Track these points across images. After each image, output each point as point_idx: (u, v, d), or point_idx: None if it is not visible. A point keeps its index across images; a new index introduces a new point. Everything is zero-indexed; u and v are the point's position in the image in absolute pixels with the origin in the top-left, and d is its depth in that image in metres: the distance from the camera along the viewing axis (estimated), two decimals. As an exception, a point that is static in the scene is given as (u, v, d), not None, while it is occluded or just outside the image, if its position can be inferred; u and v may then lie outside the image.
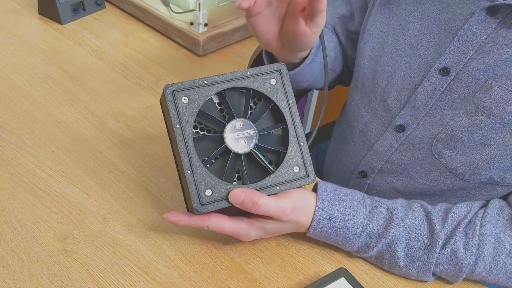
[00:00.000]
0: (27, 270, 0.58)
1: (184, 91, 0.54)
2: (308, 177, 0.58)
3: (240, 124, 0.56)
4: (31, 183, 0.67)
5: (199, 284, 0.59)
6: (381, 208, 0.60)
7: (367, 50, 0.73)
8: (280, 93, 0.57)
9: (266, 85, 0.57)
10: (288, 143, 0.57)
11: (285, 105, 0.58)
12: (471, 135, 0.63)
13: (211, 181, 0.54)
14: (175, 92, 0.54)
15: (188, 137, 0.54)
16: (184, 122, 0.54)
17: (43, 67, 0.88)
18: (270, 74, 0.57)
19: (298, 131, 0.58)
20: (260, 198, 0.54)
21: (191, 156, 0.54)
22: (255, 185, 0.55)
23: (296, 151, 0.57)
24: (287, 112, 0.57)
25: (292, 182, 0.57)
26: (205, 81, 0.55)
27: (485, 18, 0.59)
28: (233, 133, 0.56)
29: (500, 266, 0.58)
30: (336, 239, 0.60)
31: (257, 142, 0.56)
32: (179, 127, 0.54)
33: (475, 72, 0.61)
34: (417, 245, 0.59)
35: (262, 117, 0.58)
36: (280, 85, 0.58)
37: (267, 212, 0.55)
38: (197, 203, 0.54)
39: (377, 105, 0.72)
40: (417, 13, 0.66)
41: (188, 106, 0.54)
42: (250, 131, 0.56)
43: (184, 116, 0.54)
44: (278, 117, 0.59)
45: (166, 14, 1.00)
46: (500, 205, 0.62)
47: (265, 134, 0.58)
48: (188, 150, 0.54)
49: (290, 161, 0.57)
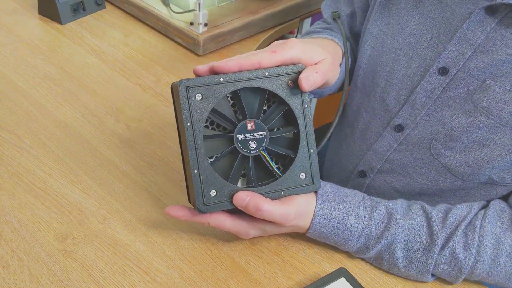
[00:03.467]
0: (27, 270, 0.58)
1: (199, 88, 0.53)
2: (314, 184, 0.57)
3: (252, 126, 0.55)
4: (31, 183, 0.67)
5: (199, 284, 0.59)
6: (381, 209, 0.60)
7: (367, 50, 0.73)
8: (296, 97, 0.56)
9: (284, 87, 0.55)
10: (298, 148, 0.56)
11: (299, 110, 0.56)
12: (470, 134, 0.63)
13: (217, 181, 0.53)
14: (189, 88, 0.52)
15: (198, 136, 0.53)
16: (196, 120, 0.53)
17: (43, 67, 0.88)
18: (289, 75, 0.55)
19: (309, 138, 0.56)
20: (264, 204, 0.53)
21: (198, 155, 0.53)
22: (260, 189, 0.55)
23: (305, 158, 0.56)
24: (301, 116, 0.56)
25: (297, 188, 0.56)
26: (221, 78, 0.53)
27: (483, 17, 0.59)
28: (244, 134, 0.55)
29: (500, 267, 0.58)
30: (336, 240, 0.60)
31: (267, 145, 0.55)
32: (190, 125, 0.52)
33: (473, 71, 0.61)
34: (416, 246, 0.59)
35: (275, 120, 0.56)
36: (298, 88, 0.55)
37: (270, 218, 0.55)
38: (200, 203, 0.53)
39: (376, 105, 0.73)
40: (416, 13, 0.66)
41: (201, 104, 0.53)
42: (261, 133, 0.55)
43: (196, 113, 0.53)
44: (290, 120, 0.57)
45: (166, 14, 1.00)
46: (500, 206, 0.62)
47: (275, 136, 0.57)
48: (196, 149, 0.53)
49: (297, 167, 0.56)
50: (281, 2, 1.10)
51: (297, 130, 0.56)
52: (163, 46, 0.99)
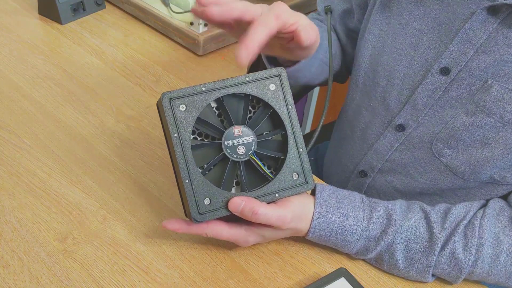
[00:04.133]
0: (27, 270, 0.58)
1: (182, 99, 0.53)
2: (307, 183, 0.57)
3: (239, 131, 0.55)
4: (31, 183, 0.67)
5: (199, 284, 0.59)
6: (380, 210, 0.60)
7: (368, 49, 0.73)
8: (279, 99, 0.56)
9: (265, 91, 0.56)
10: (287, 149, 0.56)
11: (284, 111, 0.56)
12: (472, 134, 0.63)
13: (210, 189, 0.54)
14: (172, 100, 0.53)
15: (186, 146, 0.53)
16: (182, 131, 0.53)
17: (43, 67, 0.88)
18: (270, 79, 0.56)
19: (297, 138, 0.57)
20: (260, 208, 0.53)
21: (189, 165, 0.53)
22: (254, 192, 0.55)
23: (295, 158, 0.56)
24: (287, 118, 0.56)
25: (291, 189, 0.56)
26: (203, 87, 0.54)
27: (485, 17, 0.59)
28: (232, 140, 0.55)
29: (500, 266, 0.58)
30: (335, 242, 0.60)
31: (256, 149, 0.56)
32: (177, 135, 0.53)
33: (475, 71, 0.61)
34: (416, 247, 0.59)
35: (261, 123, 0.57)
36: (280, 91, 0.56)
37: (267, 222, 0.55)
38: (195, 212, 0.53)
39: (377, 104, 0.72)
40: (418, 13, 0.66)
41: (186, 114, 0.53)
42: (249, 138, 0.55)
43: (182, 124, 0.53)
44: (277, 122, 0.58)
45: (166, 14, 1.00)
46: (499, 205, 0.62)
47: (263, 140, 0.57)
48: (186, 159, 0.53)
49: (289, 168, 0.56)
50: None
51: (284, 132, 0.57)
52: (163, 46, 0.99)
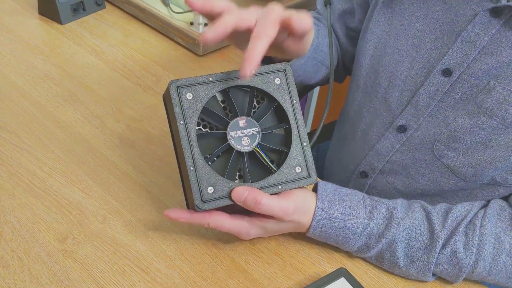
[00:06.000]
0: (27, 270, 0.58)
1: (189, 87, 0.54)
2: (310, 177, 0.57)
3: (244, 123, 0.56)
4: (31, 183, 0.67)
5: (199, 284, 0.59)
6: (381, 208, 0.60)
7: (369, 50, 0.73)
8: (284, 93, 0.57)
9: (271, 84, 0.57)
10: (291, 143, 0.57)
11: (288, 105, 0.57)
12: (473, 135, 0.63)
13: (213, 178, 0.54)
14: (180, 88, 0.54)
15: (192, 134, 0.54)
16: (188, 119, 0.54)
17: (43, 67, 0.88)
18: (275, 73, 0.57)
19: (301, 132, 0.57)
20: (262, 197, 0.53)
21: (193, 153, 0.53)
22: (257, 184, 0.55)
23: (299, 152, 0.57)
24: (291, 112, 0.57)
25: (294, 182, 0.57)
26: (210, 78, 0.55)
27: (488, 19, 0.59)
28: (236, 131, 0.56)
29: (500, 266, 0.58)
30: (336, 239, 0.60)
31: (260, 141, 0.56)
32: (183, 123, 0.54)
33: (477, 73, 0.61)
34: (417, 245, 0.59)
35: (266, 116, 0.58)
36: (285, 85, 0.58)
37: (269, 212, 0.55)
38: (198, 200, 0.53)
39: (379, 105, 0.72)
40: (420, 14, 0.66)
41: (192, 103, 0.54)
42: (253, 130, 0.56)
43: (188, 112, 0.54)
44: (281, 116, 0.59)
45: (166, 14, 1.00)
46: (500, 205, 0.62)
47: (268, 133, 0.57)
48: (191, 147, 0.54)
49: (292, 161, 0.57)
50: (281, 3, 1.09)
51: (289, 126, 0.57)
52: (163, 46, 0.99)
